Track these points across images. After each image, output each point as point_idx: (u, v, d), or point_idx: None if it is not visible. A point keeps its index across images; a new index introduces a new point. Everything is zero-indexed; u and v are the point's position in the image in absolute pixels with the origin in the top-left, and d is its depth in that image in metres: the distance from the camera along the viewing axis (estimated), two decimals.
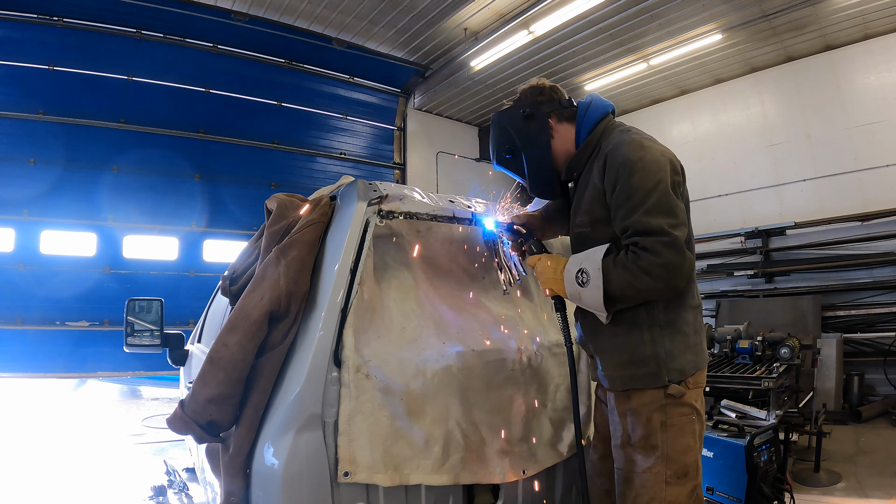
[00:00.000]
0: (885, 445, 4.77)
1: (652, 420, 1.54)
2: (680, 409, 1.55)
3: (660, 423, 1.53)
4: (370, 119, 9.01)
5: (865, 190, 6.90)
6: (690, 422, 1.56)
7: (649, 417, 1.54)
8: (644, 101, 9.16)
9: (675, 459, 1.53)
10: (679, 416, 1.55)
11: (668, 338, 1.55)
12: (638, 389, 1.56)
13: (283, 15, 7.10)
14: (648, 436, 1.54)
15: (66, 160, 6.35)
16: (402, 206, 1.62)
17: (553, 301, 1.69)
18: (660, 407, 1.54)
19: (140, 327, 2.73)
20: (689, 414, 1.56)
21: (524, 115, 1.67)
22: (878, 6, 6.28)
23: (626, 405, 1.58)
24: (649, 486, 1.52)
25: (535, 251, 1.71)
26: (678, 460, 1.53)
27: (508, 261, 1.83)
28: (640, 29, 6.91)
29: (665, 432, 1.53)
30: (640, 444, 1.54)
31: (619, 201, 1.48)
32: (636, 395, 1.56)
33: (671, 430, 1.53)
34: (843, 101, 7.16)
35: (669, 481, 1.52)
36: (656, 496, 1.52)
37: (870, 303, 6.63)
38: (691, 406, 1.56)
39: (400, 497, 1.49)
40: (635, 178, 1.46)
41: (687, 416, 1.55)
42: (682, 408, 1.55)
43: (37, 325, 6.08)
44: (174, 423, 1.48)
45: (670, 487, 1.52)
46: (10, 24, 6.12)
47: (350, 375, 1.40)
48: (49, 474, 4.57)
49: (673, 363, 1.54)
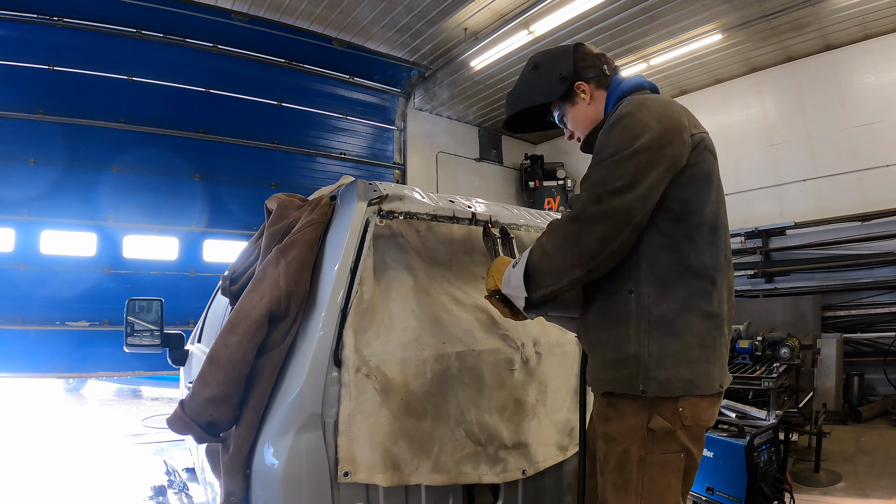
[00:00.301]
0: (885, 445, 4.77)
1: (630, 453, 1.29)
2: (665, 446, 1.28)
3: (637, 459, 1.29)
4: (370, 119, 9.00)
5: (865, 190, 6.90)
6: (677, 461, 1.29)
7: (627, 449, 1.29)
8: None
9: (650, 500, 1.29)
10: (661, 453, 1.28)
11: (657, 339, 1.27)
12: (616, 404, 1.32)
13: (283, 15, 7.09)
14: (622, 469, 1.30)
15: (66, 160, 6.34)
16: (402, 206, 1.62)
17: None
18: (640, 440, 1.28)
19: (140, 327, 2.73)
20: (676, 453, 1.29)
21: (562, 73, 1.51)
22: (878, 6, 6.28)
23: (605, 427, 1.35)
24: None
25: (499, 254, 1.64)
26: (654, 501, 1.29)
27: None
28: (640, 29, 6.91)
29: (643, 469, 1.28)
30: (611, 476, 1.32)
31: (592, 160, 1.30)
32: (615, 417, 1.32)
33: (651, 468, 1.28)
34: (843, 101, 7.16)
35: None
36: None
37: (870, 303, 6.63)
38: (681, 445, 1.28)
39: (400, 497, 1.49)
40: (612, 133, 1.28)
41: (672, 455, 1.29)
42: (669, 444, 1.28)
43: (37, 325, 6.08)
44: (174, 423, 1.48)
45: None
46: (10, 24, 6.11)
47: (350, 375, 1.40)
48: (49, 474, 4.57)
49: (655, 372, 1.25)
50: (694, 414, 1.28)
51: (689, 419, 1.27)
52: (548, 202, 10.05)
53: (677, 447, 1.29)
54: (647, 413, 1.27)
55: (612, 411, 1.33)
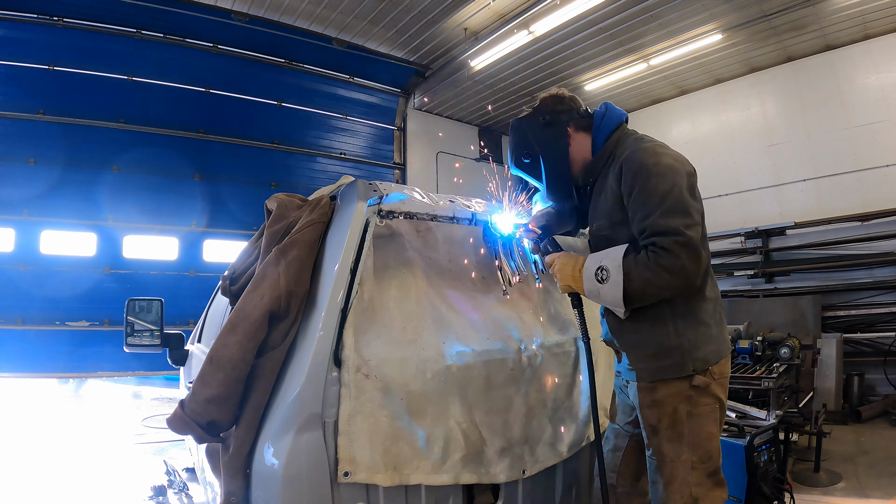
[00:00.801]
0: (885, 445, 4.77)
1: (678, 410, 1.63)
2: (704, 399, 1.63)
3: (686, 413, 1.62)
4: (370, 119, 9.01)
5: (865, 190, 6.90)
6: (714, 410, 1.65)
7: (675, 408, 1.63)
8: (644, 101, 9.16)
9: (700, 446, 1.63)
10: (703, 405, 1.63)
11: (692, 329, 1.62)
12: (664, 380, 1.63)
13: (283, 15, 7.09)
14: (675, 424, 1.63)
15: (66, 160, 6.34)
16: (402, 206, 1.62)
17: (570, 298, 1.80)
18: (685, 398, 1.62)
19: (140, 327, 2.73)
20: (713, 403, 1.64)
21: (544, 122, 1.76)
22: (878, 6, 6.28)
23: (652, 396, 1.65)
24: (678, 472, 1.64)
25: (550, 250, 1.78)
26: (703, 447, 1.63)
27: (508, 262, 1.83)
28: (640, 29, 6.91)
29: (691, 421, 1.63)
30: (667, 433, 1.64)
31: (637, 205, 1.56)
32: (662, 386, 1.63)
33: (696, 419, 1.63)
34: (843, 101, 7.16)
35: (695, 466, 1.64)
36: (685, 480, 1.64)
37: (870, 303, 6.63)
38: (715, 396, 1.65)
39: (400, 497, 1.49)
40: (651, 182, 1.54)
41: (710, 406, 1.64)
42: (706, 398, 1.63)
43: (37, 325, 6.08)
44: (174, 423, 1.47)
45: (696, 472, 1.64)
46: (10, 24, 6.12)
47: (350, 375, 1.40)
48: (49, 474, 4.56)
49: (696, 353, 1.61)
50: (721, 370, 1.67)
51: (717, 374, 1.66)
52: None
53: (713, 399, 1.65)
54: (688, 378, 1.62)
55: (658, 383, 1.65)
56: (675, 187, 1.53)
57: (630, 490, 1.84)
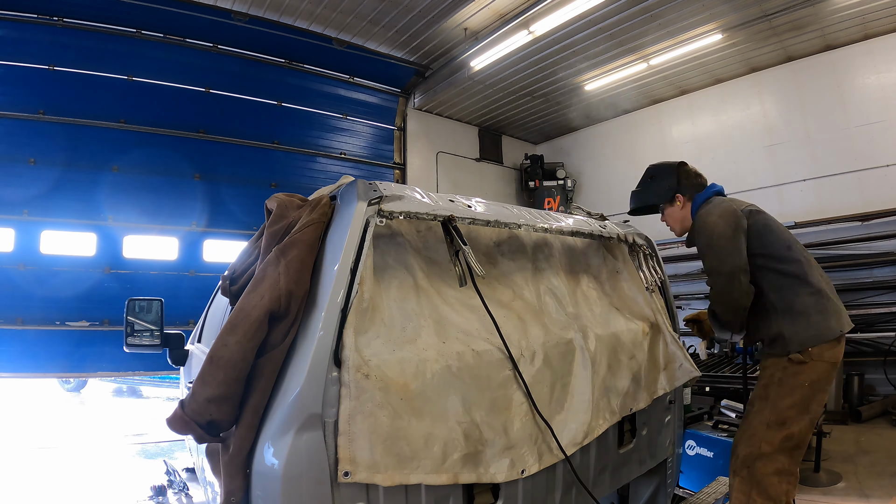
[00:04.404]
0: (885, 445, 4.77)
1: (773, 375, 2.17)
2: (795, 375, 2.11)
3: (777, 379, 2.14)
4: (370, 119, 9.00)
5: (865, 190, 6.90)
6: (801, 387, 2.10)
7: (772, 373, 2.18)
8: (644, 101, 9.15)
9: (778, 409, 2.11)
10: (792, 377, 2.11)
11: (788, 322, 2.17)
12: (775, 356, 2.21)
13: (283, 15, 7.09)
14: (767, 385, 2.18)
15: (66, 160, 6.33)
16: (402, 206, 1.62)
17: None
18: (781, 368, 2.16)
19: (140, 327, 2.73)
20: (802, 382, 2.09)
21: (667, 183, 2.55)
22: (878, 6, 6.28)
23: (764, 362, 2.28)
24: (755, 425, 2.15)
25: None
26: (780, 411, 2.10)
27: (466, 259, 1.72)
28: (640, 29, 6.91)
29: (778, 386, 2.13)
30: (758, 390, 2.21)
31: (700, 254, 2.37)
32: (770, 357, 2.23)
33: (782, 387, 2.12)
34: (843, 101, 7.16)
35: (770, 425, 2.10)
36: (756, 433, 2.14)
37: (870, 303, 6.63)
38: (807, 375, 2.09)
39: (400, 497, 1.49)
40: (699, 241, 2.35)
41: (799, 383, 2.10)
42: (798, 375, 2.10)
43: (37, 325, 6.07)
44: (174, 423, 1.47)
45: (770, 430, 2.10)
46: (10, 24, 6.11)
47: (350, 375, 1.40)
48: (49, 474, 4.57)
49: (795, 339, 2.14)
50: (819, 352, 2.11)
51: (815, 356, 2.11)
52: (548, 202, 10.05)
53: (805, 377, 2.10)
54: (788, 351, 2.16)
55: (770, 357, 2.25)
56: (711, 241, 2.27)
57: None
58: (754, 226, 2.28)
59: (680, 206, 2.51)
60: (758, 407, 2.16)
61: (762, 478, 2.09)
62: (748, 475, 2.13)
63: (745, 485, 2.14)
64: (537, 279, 2.12)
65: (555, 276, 2.19)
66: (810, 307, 2.15)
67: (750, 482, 2.12)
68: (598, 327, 2.14)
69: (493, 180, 10.53)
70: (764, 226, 2.30)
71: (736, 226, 2.23)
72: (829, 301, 2.20)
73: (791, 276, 2.21)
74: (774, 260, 2.25)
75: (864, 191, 6.90)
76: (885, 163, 6.76)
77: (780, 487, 2.07)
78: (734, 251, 2.18)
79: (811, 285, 2.19)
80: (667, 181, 2.53)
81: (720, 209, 2.30)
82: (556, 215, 2.28)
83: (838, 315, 2.18)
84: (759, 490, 2.09)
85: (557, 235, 2.25)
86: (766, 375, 2.18)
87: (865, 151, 6.92)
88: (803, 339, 2.12)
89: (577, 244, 2.42)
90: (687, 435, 3.76)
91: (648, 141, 9.13)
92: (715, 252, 2.22)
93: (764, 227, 2.30)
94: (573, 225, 2.27)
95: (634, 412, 2.22)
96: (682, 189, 2.51)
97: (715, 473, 3.30)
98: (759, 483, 2.09)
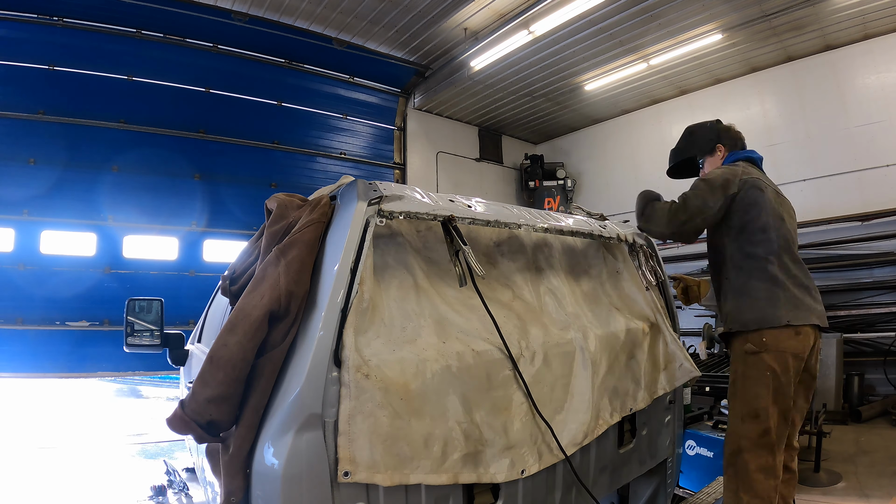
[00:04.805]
0: (885, 445, 4.77)
1: (737, 371, 2.20)
2: (755, 366, 2.12)
3: (741, 374, 2.17)
4: (370, 119, 9.00)
5: (865, 190, 6.90)
6: (764, 377, 2.09)
7: (736, 368, 2.21)
8: (644, 101, 9.16)
9: (746, 401, 2.13)
10: (753, 369, 2.12)
11: (736, 298, 2.24)
12: (733, 344, 2.26)
13: (283, 15, 7.09)
14: (734, 382, 2.22)
15: (66, 160, 6.33)
16: (402, 206, 1.62)
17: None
18: (742, 360, 2.18)
19: (140, 327, 2.73)
20: (764, 371, 2.09)
21: (708, 135, 2.63)
22: (878, 6, 6.28)
23: (732, 356, 2.28)
24: (732, 422, 2.19)
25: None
26: (749, 402, 2.12)
27: (466, 259, 1.73)
28: (640, 29, 6.91)
29: (743, 381, 2.16)
30: (729, 388, 2.25)
31: None
32: (734, 350, 2.25)
33: (746, 380, 2.14)
34: (843, 101, 7.16)
35: (744, 418, 2.12)
36: (735, 430, 2.16)
37: (870, 303, 6.63)
38: (767, 364, 2.10)
39: (400, 497, 1.49)
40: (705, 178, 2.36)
41: (761, 372, 2.10)
42: (758, 365, 2.11)
43: (37, 325, 6.07)
44: (174, 423, 1.47)
45: (745, 424, 2.11)
46: (10, 24, 6.11)
47: (350, 375, 1.40)
48: (49, 474, 4.57)
49: (737, 317, 2.21)
50: (775, 341, 2.10)
51: (770, 346, 2.10)
52: (548, 202, 10.05)
53: (765, 367, 2.09)
54: (744, 342, 2.17)
55: (734, 347, 2.25)
56: (700, 183, 2.31)
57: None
58: (744, 198, 2.25)
59: (721, 156, 2.54)
60: (731, 404, 2.21)
61: (746, 475, 2.08)
62: (734, 473, 2.13)
63: (732, 482, 2.14)
64: (537, 279, 2.12)
65: (555, 276, 2.18)
66: (760, 292, 2.15)
67: (736, 479, 2.11)
68: (597, 327, 2.14)
69: (493, 180, 10.53)
70: (752, 202, 2.25)
71: (724, 183, 2.24)
72: (786, 292, 2.15)
73: (754, 257, 2.20)
74: (744, 238, 2.24)
75: (864, 191, 6.90)
76: (885, 163, 6.76)
77: (767, 484, 2.05)
78: (705, 198, 2.23)
79: (769, 272, 2.17)
80: (707, 133, 2.58)
81: (729, 168, 2.35)
82: (556, 215, 2.27)
83: (794, 307, 2.13)
84: (746, 487, 2.07)
85: (557, 235, 2.25)
86: (731, 371, 2.22)
87: (865, 151, 6.92)
88: (744, 320, 2.16)
89: (577, 244, 2.42)
90: (687, 435, 3.76)
91: (648, 141, 9.12)
92: (693, 188, 2.30)
93: (752, 203, 2.25)
94: (573, 225, 2.26)
95: (634, 412, 2.22)
96: (722, 140, 2.56)
97: (715, 473, 3.29)
98: (744, 480, 2.08)
